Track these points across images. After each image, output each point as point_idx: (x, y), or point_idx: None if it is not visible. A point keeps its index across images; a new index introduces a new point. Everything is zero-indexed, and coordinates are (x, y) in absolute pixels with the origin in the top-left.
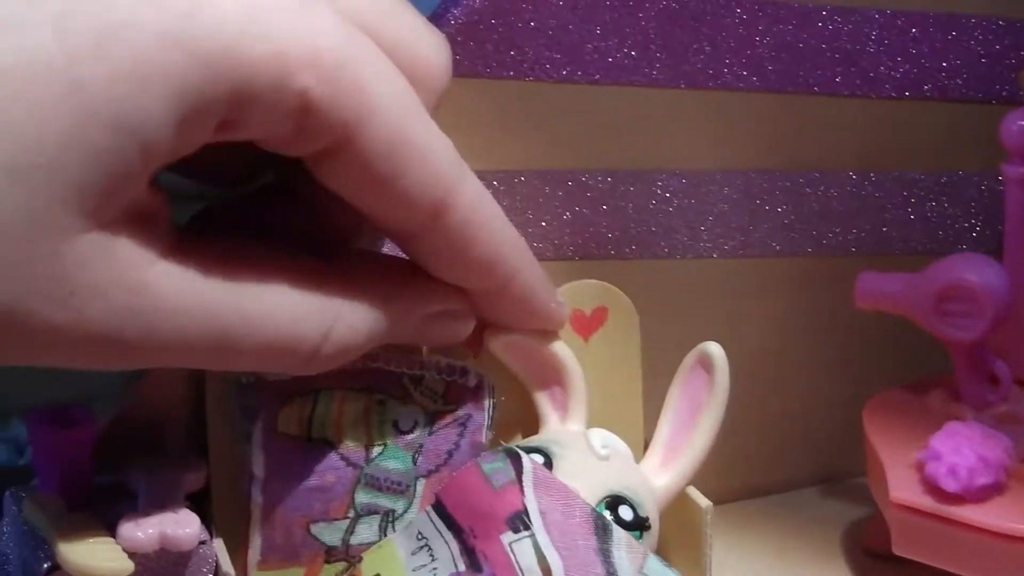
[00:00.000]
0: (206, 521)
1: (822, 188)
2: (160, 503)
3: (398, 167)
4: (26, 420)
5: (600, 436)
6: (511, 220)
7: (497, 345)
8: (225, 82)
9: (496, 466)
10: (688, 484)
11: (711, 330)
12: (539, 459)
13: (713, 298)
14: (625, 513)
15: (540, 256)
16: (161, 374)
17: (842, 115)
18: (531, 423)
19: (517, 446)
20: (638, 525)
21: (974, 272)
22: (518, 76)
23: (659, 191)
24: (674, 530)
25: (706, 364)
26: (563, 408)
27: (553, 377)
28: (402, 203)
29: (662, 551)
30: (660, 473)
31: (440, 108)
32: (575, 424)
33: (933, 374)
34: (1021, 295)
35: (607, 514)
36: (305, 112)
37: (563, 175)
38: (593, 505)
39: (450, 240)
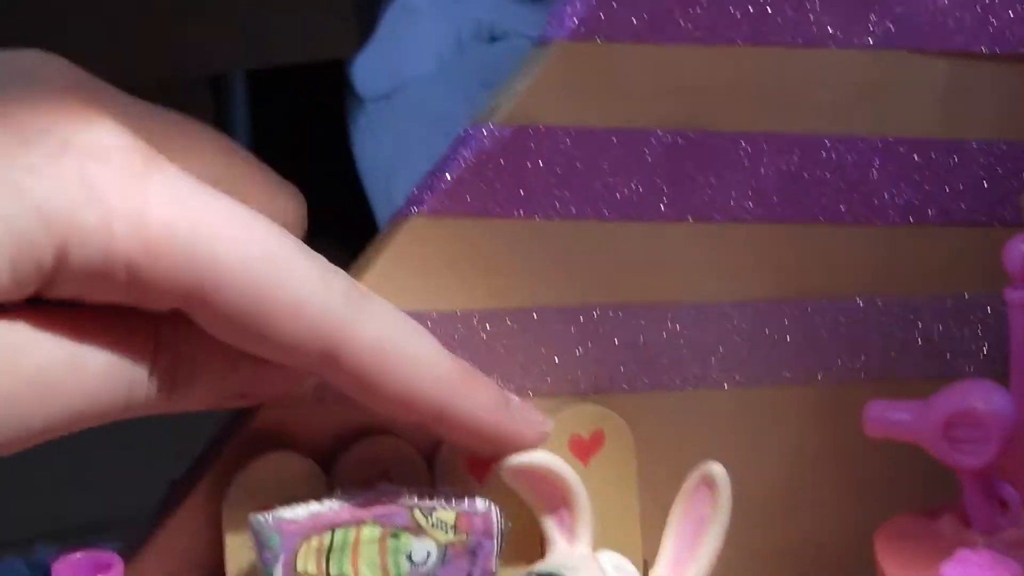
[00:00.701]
0: None
1: (830, 315)
2: None
3: (262, 326)
4: (53, 565)
5: (612, 559)
6: (523, 358)
7: (511, 472)
8: (56, 237)
9: None
10: None
11: (724, 460)
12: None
13: (725, 428)
14: None
15: (555, 392)
16: (179, 521)
17: (847, 242)
18: (535, 547)
19: (532, 571)
20: None
21: (981, 399)
22: (528, 215)
23: (669, 323)
24: None
25: (708, 483)
26: (570, 531)
27: (560, 500)
28: (280, 354)
29: None
30: None
31: (452, 248)
32: (582, 546)
33: (945, 499)
34: None
35: None
36: (135, 282)
37: (575, 311)
38: None
39: (352, 382)
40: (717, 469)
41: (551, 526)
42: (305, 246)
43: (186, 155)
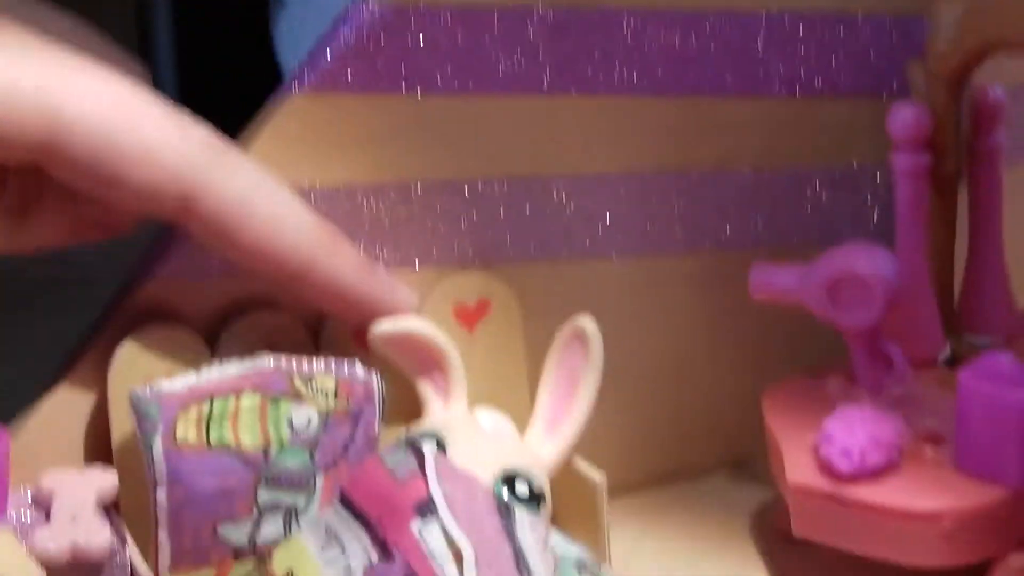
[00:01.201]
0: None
1: (718, 185)
2: (71, 514)
3: (115, 174)
4: None
5: (489, 416)
6: (408, 229)
7: (376, 340)
8: None
9: (398, 458)
10: (571, 453)
11: (614, 328)
12: (432, 446)
13: (615, 297)
14: (521, 488)
15: (442, 264)
16: (67, 391)
17: (734, 114)
18: (414, 410)
19: (410, 434)
20: (535, 498)
21: (864, 260)
22: (410, 91)
23: (556, 194)
24: (571, 508)
25: (580, 336)
26: (445, 393)
27: (433, 364)
28: (136, 201)
29: (561, 527)
30: (545, 444)
31: (335, 124)
32: (458, 406)
33: (832, 360)
34: (913, 280)
35: (504, 491)
36: None
37: (459, 184)
38: (490, 484)
39: (212, 232)
40: (587, 323)
41: (427, 389)
42: (163, 100)
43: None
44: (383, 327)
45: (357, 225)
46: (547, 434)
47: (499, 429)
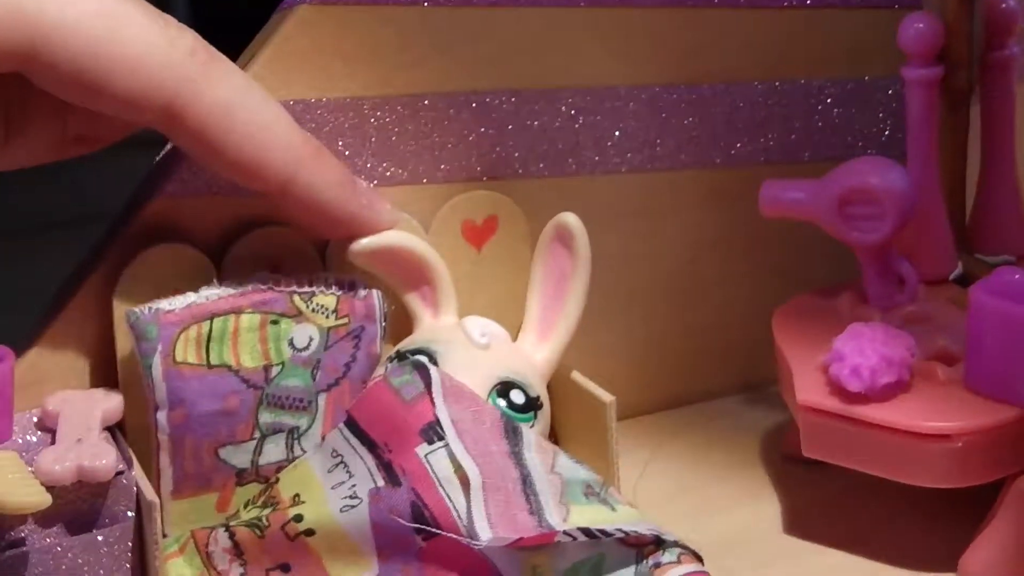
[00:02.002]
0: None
1: (728, 100)
2: (77, 436)
3: (99, 81)
4: None
5: (477, 324)
6: (415, 144)
7: (358, 255)
8: None
9: (404, 379)
10: (563, 352)
11: (623, 245)
12: (424, 360)
13: (624, 213)
14: (517, 397)
15: (449, 179)
16: (72, 312)
17: (745, 27)
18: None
19: (398, 351)
20: (531, 406)
21: (875, 175)
22: (417, 1)
23: (564, 109)
24: (580, 427)
25: (565, 233)
26: (434, 305)
27: (419, 277)
28: (121, 109)
29: (570, 448)
30: (538, 348)
31: (341, 36)
32: (448, 317)
33: (845, 279)
34: (925, 196)
35: (500, 401)
36: None
37: (467, 97)
38: (484, 394)
39: (197, 142)
40: (571, 218)
41: (415, 302)
42: (150, 6)
43: None
44: (362, 243)
45: (363, 139)
46: (540, 338)
47: (491, 336)
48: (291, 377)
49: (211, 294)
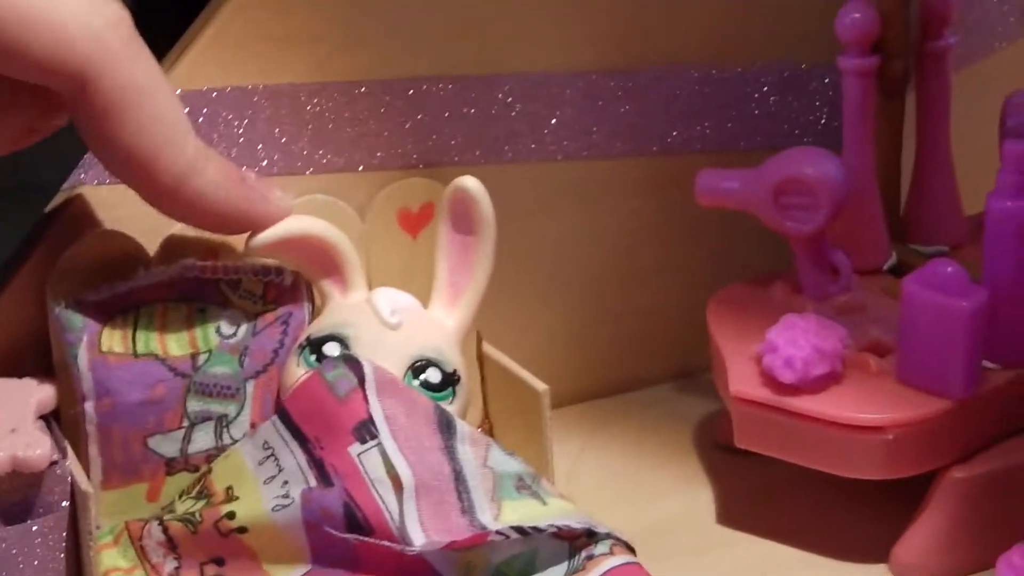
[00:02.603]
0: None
1: (665, 87)
2: (10, 426)
3: (15, 39)
4: None
5: (386, 300)
6: (352, 131)
7: (257, 250)
8: None
9: (338, 373)
10: (474, 316)
11: (559, 231)
12: (335, 347)
13: (560, 201)
14: (433, 375)
15: (385, 166)
16: (6, 301)
17: (683, 13)
18: None
19: (308, 337)
20: (448, 381)
21: (810, 165)
22: None
23: (501, 96)
24: (515, 416)
25: (466, 198)
26: (342, 282)
27: (325, 259)
28: (35, 72)
29: (503, 436)
30: (449, 314)
31: (276, 22)
32: (357, 293)
33: (781, 267)
34: (860, 186)
35: (415, 382)
36: None
37: (404, 84)
38: (400, 375)
39: (96, 121)
40: (470, 181)
41: (327, 286)
42: None
43: None
44: (259, 238)
45: (300, 126)
46: (450, 303)
47: (402, 311)
48: (219, 364)
49: (138, 283)
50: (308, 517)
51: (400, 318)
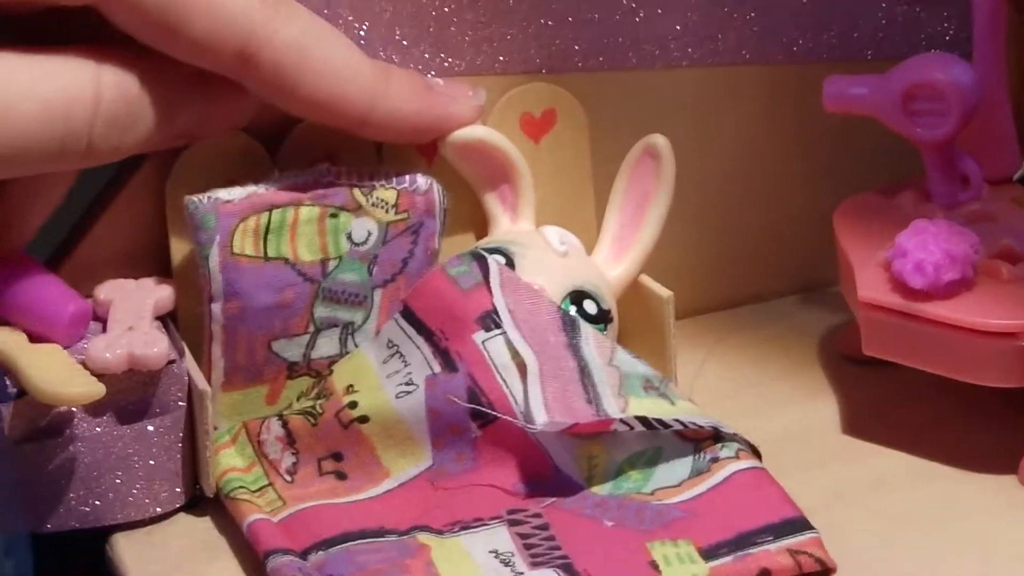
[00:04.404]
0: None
1: None
2: (128, 324)
3: (176, 20)
4: None
5: (557, 233)
6: (473, 35)
7: (451, 148)
8: None
9: (462, 270)
10: (639, 273)
11: (683, 141)
12: (501, 260)
13: (684, 108)
14: (589, 307)
15: (507, 71)
16: (126, 199)
17: None
18: (481, 227)
19: (477, 248)
20: (602, 318)
21: (940, 70)
22: None
23: (626, 1)
24: (638, 324)
25: (653, 154)
26: (513, 208)
27: (502, 177)
28: (196, 52)
29: (627, 346)
30: (613, 265)
31: None
32: (526, 223)
33: (907, 177)
34: (990, 94)
35: (572, 309)
36: None
37: None
38: (558, 301)
39: (269, 83)
40: (660, 140)
41: (494, 203)
42: None
43: None
44: (455, 136)
45: (422, 29)
46: (615, 256)
47: (570, 246)
48: (348, 271)
49: (271, 185)
50: (431, 402)
51: (567, 249)
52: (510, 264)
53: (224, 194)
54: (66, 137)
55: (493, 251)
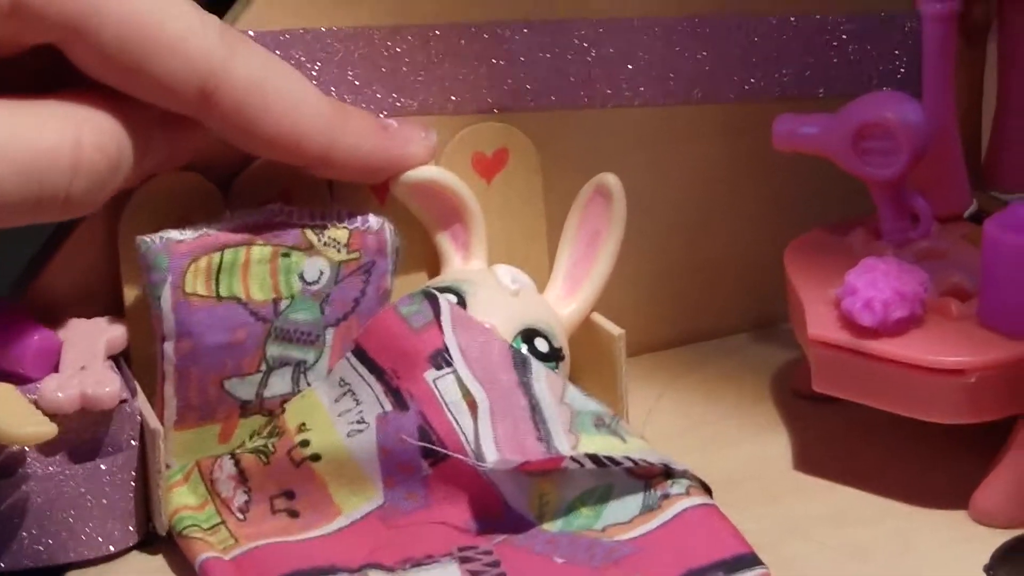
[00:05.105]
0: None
1: (743, 33)
2: (80, 363)
3: (138, 60)
4: None
5: (508, 272)
6: (425, 75)
7: (404, 189)
8: None
9: (413, 308)
10: (592, 311)
11: (635, 179)
12: (452, 299)
13: (636, 147)
14: (541, 345)
15: (459, 111)
16: (78, 239)
17: None
18: (434, 266)
19: (428, 287)
20: (554, 356)
21: (891, 109)
22: None
23: (577, 41)
24: (589, 361)
25: (604, 194)
26: (465, 247)
27: (454, 216)
28: (157, 91)
29: (580, 383)
30: (565, 303)
31: None
32: (477, 262)
33: (857, 214)
34: (940, 132)
35: (524, 347)
36: (16, 10)
37: (479, 28)
38: (509, 339)
39: (229, 121)
40: (611, 179)
41: (446, 242)
42: None
43: None
44: (407, 177)
45: (374, 69)
46: (566, 294)
47: (521, 285)
48: (300, 311)
49: (223, 225)
50: (383, 441)
51: (518, 288)
52: (461, 303)
53: (176, 234)
54: (42, 195)
55: (444, 290)
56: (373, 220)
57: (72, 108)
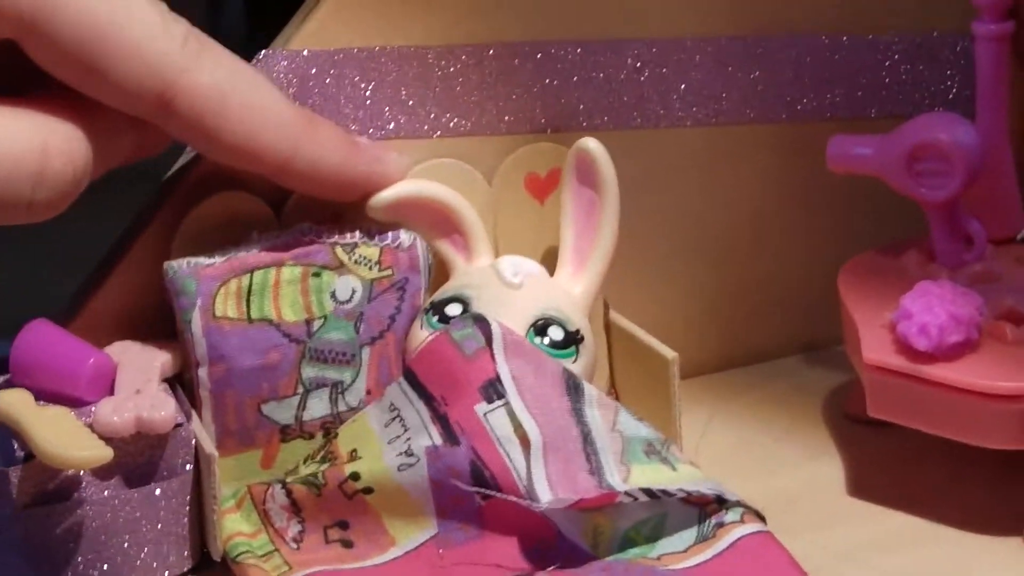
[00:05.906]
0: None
1: (795, 53)
2: (135, 387)
3: (95, 61)
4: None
5: (509, 263)
6: (479, 95)
7: (376, 212)
8: None
9: (466, 332)
10: (601, 282)
11: (687, 199)
12: (457, 307)
13: (687, 167)
14: (555, 333)
15: (512, 131)
16: (131, 261)
17: None
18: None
19: (431, 302)
20: (571, 341)
21: (945, 130)
22: None
23: (630, 61)
24: (642, 385)
25: (587, 159)
26: (466, 248)
27: (446, 222)
28: (117, 96)
29: (632, 406)
30: (576, 281)
31: None
32: (482, 259)
33: (910, 236)
34: (994, 154)
35: (537, 340)
36: None
37: (533, 47)
38: (523, 334)
39: (192, 129)
40: (589, 142)
41: (447, 249)
42: None
43: None
44: (378, 198)
45: (427, 89)
46: (575, 270)
47: (525, 274)
48: (334, 330)
49: (252, 247)
50: (434, 475)
51: (522, 279)
52: (467, 309)
53: (204, 259)
54: (4, 200)
55: (449, 301)
56: (404, 236)
57: (41, 116)
